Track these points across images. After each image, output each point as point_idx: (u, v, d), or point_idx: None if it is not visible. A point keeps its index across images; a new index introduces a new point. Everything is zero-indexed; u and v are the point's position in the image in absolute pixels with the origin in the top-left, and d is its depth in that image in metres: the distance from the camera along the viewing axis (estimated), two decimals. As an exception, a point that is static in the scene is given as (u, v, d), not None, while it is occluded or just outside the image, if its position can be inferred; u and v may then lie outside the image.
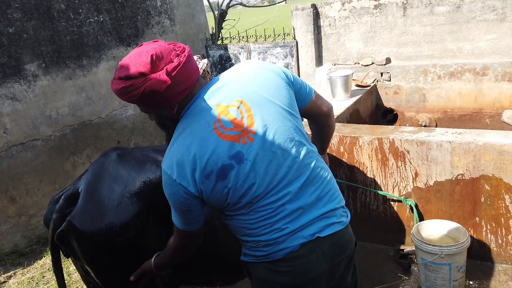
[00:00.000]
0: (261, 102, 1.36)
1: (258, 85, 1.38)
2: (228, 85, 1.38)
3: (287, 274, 1.42)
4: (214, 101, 1.35)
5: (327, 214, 1.44)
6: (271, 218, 1.39)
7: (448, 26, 4.21)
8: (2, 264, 3.58)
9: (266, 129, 1.35)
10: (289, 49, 5.02)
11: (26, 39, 3.80)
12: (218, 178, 1.32)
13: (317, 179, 1.44)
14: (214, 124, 1.32)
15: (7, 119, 3.70)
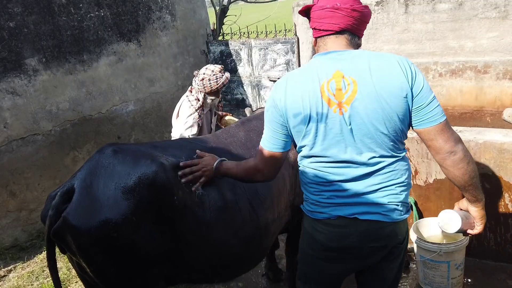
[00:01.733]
0: (371, 94, 1.45)
1: (377, 80, 1.45)
2: (355, 62, 1.49)
3: (322, 234, 1.63)
4: (339, 65, 1.50)
5: (374, 205, 1.56)
6: (324, 184, 1.59)
7: (450, 23, 4.19)
8: (2, 258, 3.60)
9: (360, 117, 1.47)
10: (290, 45, 5.01)
11: (26, 34, 3.79)
12: (301, 122, 1.53)
13: (384, 177, 1.55)
14: (325, 81, 1.49)
15: (8, 114, 3.70)
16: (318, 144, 1.54)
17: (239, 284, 2.99)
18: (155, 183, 1.70)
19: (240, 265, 2.12)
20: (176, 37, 5.31)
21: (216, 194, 1.92)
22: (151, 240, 1.70)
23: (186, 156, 1.93)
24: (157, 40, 5.07)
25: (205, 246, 1.88)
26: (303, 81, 1.53)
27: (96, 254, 1.64)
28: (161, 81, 5.17)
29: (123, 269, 1.71)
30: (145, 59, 4.93)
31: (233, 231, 1.95)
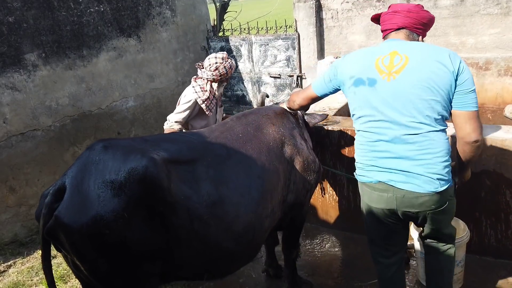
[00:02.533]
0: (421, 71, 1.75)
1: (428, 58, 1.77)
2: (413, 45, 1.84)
3: (366, 196, 1.99)
4: (395, 46, 1.86)
5: (411, 174, 1.79)
6: (368, 144, 1.90)
7: (451, 19, 4.17)
8: (2, 253, 3.59)
9: (405, 87, 1.76)
10: (291, 41, 4.99)
11: (26, 29, 3.78)
12: (353, 83, 1.90)
13: (421, 145, 1.77)
14: (380, 56, 1.86)
15: (7, 109, 3.69)
16: (366, 105, 1.86)
17: (240, 280, 2.99)
18: (145, 178, 1.68)
19: (232, 261, 2.10)
20: (176, 33, 5.29)
21: (209, 188, 1.91)
22: (143, 236, 1.69)
23: (178, 150, 1.92)
24: (157, 36, 5.05)
25: (197, 241, 1.87)
26: (362, 56, 1.94)
27: (88, 252, 1.63)
28: (161, 77, 5.16)
29: (116, 266, 1.70)
30: (145, 55, 4.91)
31: (226, 226, 1.93)
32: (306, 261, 3.15)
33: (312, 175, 2.43)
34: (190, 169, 1.91)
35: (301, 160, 2.36)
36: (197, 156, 1.96)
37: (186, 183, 1.85)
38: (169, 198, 1.75)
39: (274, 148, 2.26)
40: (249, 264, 3.14)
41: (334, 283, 2.86)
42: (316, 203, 3.49)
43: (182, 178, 1.85)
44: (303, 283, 2.79)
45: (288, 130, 2.39)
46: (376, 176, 1.89)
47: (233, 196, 1.98)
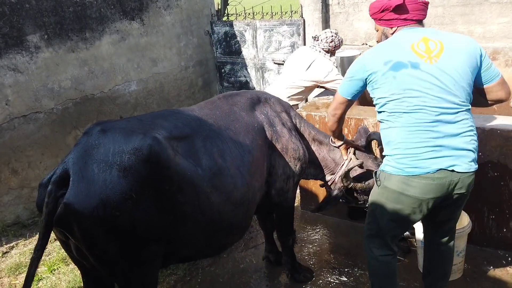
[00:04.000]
0: (454, 53, 1.84)
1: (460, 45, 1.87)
2: (437, 32, 1.93)
3: (417, 188, 1.86)
4: (422, 33, 1.90)
5: (464, 152, 1.84)
6: (423, 127, 1.82)
7: (460, 8, 4.10)
8: (5, 235, 3.62)
9: (446, 68, 1.82)
10: (296, 27, 4.92)
11: (28, 9, 3.73)
12: (392, 67, 1.84)
13: (466, 122, 1.85)
14: (414, 42, 1.87)
15: (9, 91, 3.67)
16: (412, 88, 1.82)
17: (240, 266, 3.01)
18: (150, 158, 1.69)
19: (230, 233, 2.17)
20: (180, 17, 5.23)
21: (209, 162, 1.95)
22: (151, 215, 1.70)
23: (175, 126, 1.94)
24: (161, 19, 4.99)
25: (200, 215, 1.90)
26: (392, 44, 1.91)
27: (99, 236, 1.63)
28: (164, 61, 5.11)
29: (124, 249, 1.71)
30: (148, 39, 4.86)
31: (226, 197, 2.00)
32: (306, 248, 3.16)
33: (293, 162, 2.47)
34: (190, 145, 1.94)
35: (280, 146, 2.43)
36: (193, 132, 2.00)
37: (188, 159, 1.88)
38: (175, 176, 1.76)
39: (257, 129, 2.35)
40: (250, 250, 3.16)
41: (334, 271, 2.87)
42: (317, 191, 3.49)
43: (185, 154, 1.88)
44: (303, 270, 2.81)
45: (268, 116, 2.47)
46: (434, 164, 1.82)
47: (231, 168, 2.05)
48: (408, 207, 1.92)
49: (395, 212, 1.96)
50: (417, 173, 1.83)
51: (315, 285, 2.76)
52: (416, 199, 1.88)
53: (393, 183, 1.91)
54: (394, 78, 1.84)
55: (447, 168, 1.82)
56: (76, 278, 2.94)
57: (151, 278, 1.89)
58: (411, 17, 1.94)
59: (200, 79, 5.68)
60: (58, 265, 3.13)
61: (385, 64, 1.85)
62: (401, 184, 1.88)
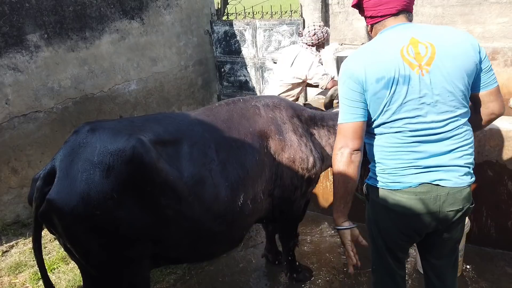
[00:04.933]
0: (448, 57, 1.57)
1: (454, 46, 1.58)
2: (428, 29, 1.63)
3: (400, 204, 1.66)
4: (410, 33, 1.61)
5: (453, 168, 1.63)
6: (404, 148, 1.62)
7: (459, 7, 4.10)
8: (5, 234, 3.63)
9: (439, 77, 1.56)
10: (296, 27, 4.93)
11: (28, 9, 3.73)
12: (384, 86, 1.58)
13: (459, 137, 1.63)
14: (403, 47, 1.59)
15: (9, 90, 3.67)
16: (401, 108, 1.59)
17: (240, 265, 3.02)
18: (133, 159, 1.69)
19: (215, 241, 2.13)
20: (180, 16, 5.23)
21: (192, 169, 1.92)
22: (133, 216, 1.71)
23: (164, 130, 1.93)
24: (160, 19, 4.99)
25: (183, 221, 1.89)
26: (380, 50, 1.62)
27: (81, 234, 1.66)
28: (164, 60, 5.12)
29: (107, 248, 1.73)
30: (148, 38, 4.86)
31: (207, 206, 1.96)
32: (305, 248, 3.17)
33: (302, 172, 2.37)
34: (176, 150, 1.92)
35: (288, 156, 2.31)
36: (182, 137, 1.98)
37: (172, 164, 1.87)
38: (157, 179, 1.76)
39: (258, 139, 2.24)
40: (249, 250, 3.17)
41: (333, 270, 2.88)
42: (317, 191, 3.50)
43: (169, 159, 1.86)
44: (302, 270, 2.81)
45: (275, 124, 2.33)
46: (416, 179, 1.63)
47: (214, 178, 2.00)
48: (397, 223, 1.71)
49: (387, 229, 1.75)
50: (399, 187, 1.65)
51: (314, 285, 2.76)
52: (403, 215, 1.67)
53: (379, 196, 1.73)
54: (383, 98, 1.59)
55: (431, 182, 1.62)
56: (76, 277, 2.95)
57: (141, 278, 1.90)
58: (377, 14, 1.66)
59: (200, 78, 5.68)
60: (58, 264, 3.14)
61: (377, 81, 1.58)
62: (386, 198, 1.70)
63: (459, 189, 1.64)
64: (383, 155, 1.68)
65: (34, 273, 3.08)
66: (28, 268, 3.17)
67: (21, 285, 3.00)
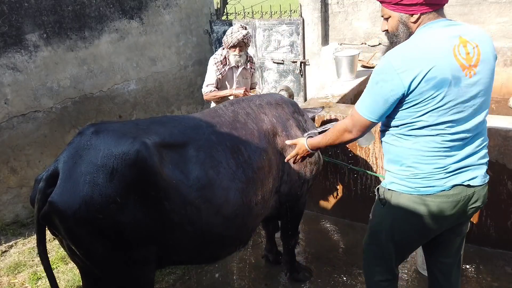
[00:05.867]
0: (487, 57, 1.56)
1: (487, 45, 1.59)
2: (469, 29, 1.58)
3: (430, 207, 1.65)
4: (457, 31, 1.55)
5: (481, 166, 1.66)
6: (442, 152, 1.59)
7: (458, 7, 4.11)
8: (4, 234, 3.62)
9: (482, 78, 1.55)
10: (295, 26, 4.93)
11: (27, 8, 3.73)
12: (434, 86, 1.49)
13: (484, 138, 1.67)
14: (455, 46, 1.52)
15: (8, 90, 3.67)
16: (448, 111, 1.53)
17: (239, 265, 3.02)
18: (137, 163, 1.67)
19: (223, 245, 2.12)
20: (179, 16, 5.23)
21: (199, 173, 1.90)
22: (136, 220, 1.69)
23: (169, 133, 1.91)
24: (160, 18, 4.99)
25: (189, 225, 1.87)
26: (432, 47, 1.51)
27: (83, 237, 1.65)
28: (163, 60, 5.11)
29: (110, 251, 1.71)
30: (147, 38, 4.86)
31: (216, 210, 1.94)
32: (305, 247, 3.17)
33: (308, 167, 2.40)
34: (181, 153, 1.90)
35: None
36: (188, 140, 1.95)
37: (177, 167, 1.85)
38: (161, 183, 1.74)
39: (265, 138, 2.24)
40: (248, 250, 3.16)
41: (333, 270, 2.88)
42: (317, 191, 3.50)
43: (174, 162, 1.84)
44: (302, 270, 2.81)
45: (281, 120, 2.35)
46: (449, 181, 1.61)
47: (223, 181, 1.98)
48: (420, 227, 1.71)
49: (405, 233, 1.75)
50: (432, 192, 1.63)
51: (314, 284, 2.76)
52: (430, 219, 1.68)
53: (403, 202, 1.69)
54: (431, 99, 1.51)
55: (463, 183, 1.63)
56: (75, 277, 2.95)
57: (145, 280, 1.89)
58: (440, 2, 1.57)
59: (199, 78, 5.67)
60: (57, 264, 3.13)
61: (428, 81, 1.48)
62: (412, 203, 1.67)
63: (483, 186, 1.68)
64: (419, 159, 1.61)
65: (33, 273, 3.07)
66: (27, 268, 3.16)
67: (20, 285, 2.99)
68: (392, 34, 1.68)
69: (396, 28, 1.65)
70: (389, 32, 1.69)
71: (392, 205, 1.73)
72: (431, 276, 1.96)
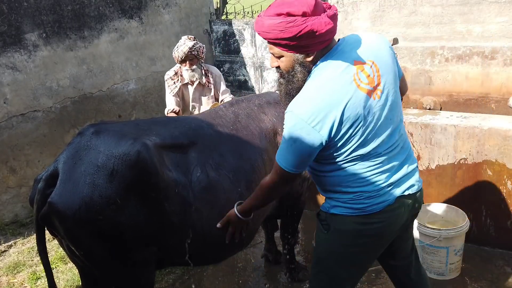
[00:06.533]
0: (385, 66, 1.53)
1: (382, 51, 1.55)
2: (359, 46, 1.52)
3: (377, 225, 1.60)
4: (351, 56, 1.49)
5: (412, 172, 1.66)
6: (377, 169, 1.55)
7: (458, 7, 4.10)
8: (3, 233, 3.61)
9: (389, 91, 1.52)
10: (295, 26, 4.92)
11: (26, 8, 3.72)
12: (351, 125, 1.45)
13: (406, 143, 1.66)
14: (354, 76, 1.46)
15: (7, 89, 3.66)
16: (371, 137, 1.50)
17: (238, 265, 3.01)
18: (138, 164, 1.66)
19: (224, 247, 2.07)
20: (179, 15, 5.22)
21: (200, 174, 1.89)
22: (136, 221, 1.68)
23: (170, 134, 1.90)
24: (159, 18, 4.98)
25: (190, 227, 1.86)
26: (334, 89, 1.44)
27: (83, 237, 1.64)
28: (163, 60, 5.10)
29: (110, 252, 1.70)
30: (146, 37, 4.85)
31: (217, 212, 1.91)
32: (305, 247, 3.16)
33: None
34: (182, 154, 1.88)
35: None
36: (188, 141, 1.94)
37: (178, 168, 1.83)
38: (162, 184, 1.73)
39: (265, 137, 2.23)
40: (248, 249, 3.16)
41: (332, 269, 2.87)
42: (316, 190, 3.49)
43: (174, 163, 1.83)
44: (302, 269, 2.81)
45: (281, 119, 2.33)
46: (392, 195, 1.59)
47: (224, 182, 1.96)
48: (370, 247, 1.66)
49: (355, 256, 1.68)
50: (378, 208, 1.58)
51: (313, 284, 2.76)
52: (378, 236, 1.64)
53: (350, 225, 1.62)
54: (352, 137, 1.48)
55: (403, 194, 1.61)
56: (74, 277, 2.94)
57: (145, 281, 1.88)
58: (334, 34, 1.48)
59: (199, 78, 5.68)
60: (56, 263, 3.13)
61: (343, 124, 1.44)
62: (359, 225, 1.60)
63: (420, 190, 1.69)
64: (359, 183, 1.56)
65: (32, 273, 3.07)
66: (27, 268, 3.16)
67: (19, 285, 2.99)
68: (287, 73, 1.55)
69: (291, 68, 1.52)
70: (283, 70, 1.55)
71: (337, 229, 1.64)
72: (393, 279, 1.96)
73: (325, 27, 1.39)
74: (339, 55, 1.49)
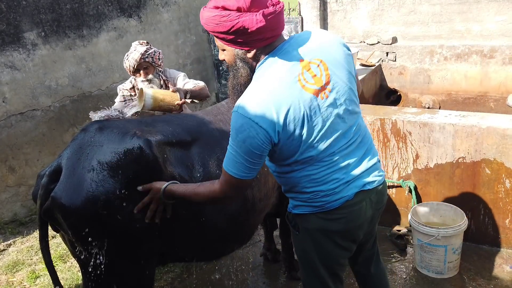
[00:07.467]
0: (336, 65, 1.49)
1: (333, 49, 1.51)
2: (308, 44, 1.48)
3: (340, 221, 1.59)
4: (297, 55, 1.45)
5: (373, 167, 1.63)
6: (331, 168, 1.53)
7: (457, 5, 4.11)
8: (2, 232, 3.62)
9: (339, 89, 1.49)
10: (294, 25, 4.92)
11: (25, 6, 3.72)
12: (297, 127, 1.42)
13: (365, 138, 1.63)
14: (298, 76, 1.43)
15: (6, 88, 3.66)
16: (321, 136, 1.47)
17: (238, 263, 3.02)
18: (141, 160, 1.68)
19: (226, 242, 2.12)
20: (178, 14, 5.22)
21: (203, 170, 1.91)
22: (140, 217, 1.69)
23: (173, 131, 1.91)
24: (158, 17, 4.98)
25: (193, 222, 1.88)
26: (278, 91, 1.41)
27: (86, 232, 1.64)
28: (162, 58, 5.10)
29: (113, 246, 1.71)
30: (145, 36, 4.84)
31: (220, 206, 1.94)
32: (303, 245, 3.17)
33: None
34: (185, 151, 1.90)
35: None
36: (191, 138, 1.96)
37: (181, 165, 1.85)
38: (166, 179, 1.74)
39: None
40: (247, 248, 3.16)
41: (331, 268, 2.88)
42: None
43: (177, 160, 1.85)
44: (300, 267, 2.81)
45: None
46: (350, 190, 1.57)
47: None
48: (339, 242, 1.64)
49: (329, 253, 1.67)
50: (337, 204, 1.56)
51: (312, 283, 2.77)
52: (344, 231, 1.62)
53: (315, 222, 1.61)
54: (300, 137, 1.45)
55: (363, 189, 1.59)
56: (73, 276, 2.94)
57: (146, 276, 1.90)
58: (277, 32, 1.45)
59: (198, 76, 5.67)
60: (55, 262, 3.13)
61: (288, 125, 1.40)
62: (323, 221, 1.60)
63: (382, 184, 1.67)
64: (314, 183, 1.55)
65: (31, 271, 3.07)
66: (26, 266, 3.16)
67: (18, 284, 2.99)
68: (231, 67, 1.53)
69: (233, 62, 1.51)
70: (228, 64, 1.54)
71: (305, 228, 1.64)
72: (354, 270, 2.01)
73: (255, 25, 1.35)
74: (284, 54, 1.45)
